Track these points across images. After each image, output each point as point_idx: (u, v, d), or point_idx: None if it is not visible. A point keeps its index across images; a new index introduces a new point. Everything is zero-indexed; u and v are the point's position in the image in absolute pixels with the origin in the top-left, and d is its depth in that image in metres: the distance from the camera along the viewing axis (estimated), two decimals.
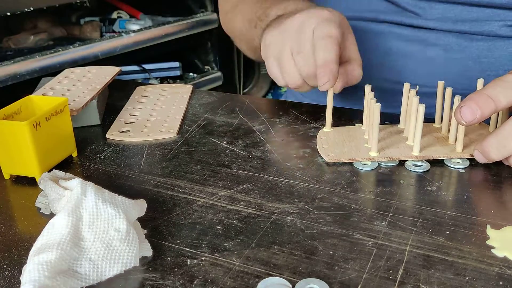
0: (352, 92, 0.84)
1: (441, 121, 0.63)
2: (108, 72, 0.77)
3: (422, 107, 0.56)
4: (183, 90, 0.81)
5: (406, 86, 0.62)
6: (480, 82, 0.61)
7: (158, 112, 0.73)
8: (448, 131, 0.61)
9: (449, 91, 0.61)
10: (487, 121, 0.63)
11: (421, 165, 0.57)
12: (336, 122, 0.67)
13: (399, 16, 0.76)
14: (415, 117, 0.57)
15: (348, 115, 0.71)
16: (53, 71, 1.04)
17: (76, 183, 0.46)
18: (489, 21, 0.71)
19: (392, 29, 0.77)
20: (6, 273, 0.42)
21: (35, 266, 0.39)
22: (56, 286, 0.39)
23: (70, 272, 0.41)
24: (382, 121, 0.65)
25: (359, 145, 0.60)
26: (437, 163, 0.58)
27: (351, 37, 0.68)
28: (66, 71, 0.77)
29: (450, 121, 0.60)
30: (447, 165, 0.57)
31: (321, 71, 0.61)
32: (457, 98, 0.57)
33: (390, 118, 0.68)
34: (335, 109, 0.65)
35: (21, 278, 0.40)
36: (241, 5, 0.88)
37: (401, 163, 0.58)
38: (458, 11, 0.72)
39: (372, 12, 0.79)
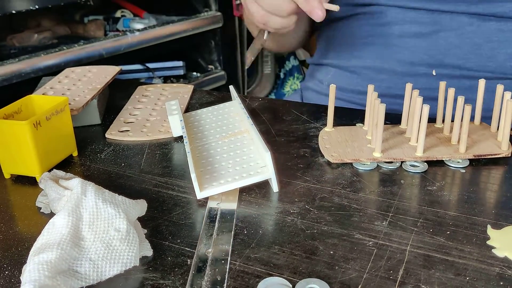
0: (353, 92, 0.84)
1: (443, 121, 0.63)
2: (109, 72, 0.77)
3: (426, 108, 0.55)
4: (184, 90, 0.81)
5: (408, 86, 0.61)
6: (482, 82, 0.60)
7: (158, 112, 0.73)
8: (451, 132, 0.61)
9: (451, 91, 0.60)
10: (488, 122, 0.63)
11: (419, 166, 0.57)
12: (337, 122, 0.67)
13: (415, 1, 0.77)
14: (418, 117, 0.57)
15: (348, 115, 0.71)
16: (58, 69, 1.04)
17: (76, 182, 0.46)
18: (502, 3, 0.73)
19: (407, 13, 0.78)
20: (7, 272, 0.42)
21: (35, 266, 0.39)
22: (56, 286, 0.39)
23: (70, 272, 0.41)
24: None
25: (362, 146, 0.60)
26: (437, 163, 0.57)
27: None
28: (67, 71, 0.77)
29: (452, 121, 0.60)
30: (447, 165, 0.57)
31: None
32: (461, 98, 0.57)
33: (391, 118, 0.67)
34: (335, 109, 0.65)
35: (21, 278, 0.40)
36: None
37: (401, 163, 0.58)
38: None
39: None
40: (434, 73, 0.71)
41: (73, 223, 0.43)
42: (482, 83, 0.60)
